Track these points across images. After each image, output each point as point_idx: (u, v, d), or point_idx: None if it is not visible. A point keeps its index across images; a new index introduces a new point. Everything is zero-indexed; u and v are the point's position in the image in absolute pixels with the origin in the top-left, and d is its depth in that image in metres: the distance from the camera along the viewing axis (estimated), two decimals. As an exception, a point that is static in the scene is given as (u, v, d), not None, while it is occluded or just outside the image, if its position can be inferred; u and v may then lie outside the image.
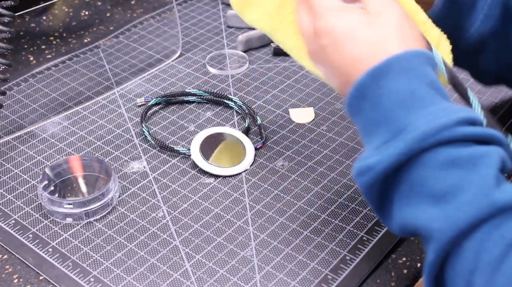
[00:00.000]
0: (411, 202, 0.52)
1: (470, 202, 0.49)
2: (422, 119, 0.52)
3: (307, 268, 0.67)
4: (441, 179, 0.51)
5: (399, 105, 0.53)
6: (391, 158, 0.52)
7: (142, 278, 0.66)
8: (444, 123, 0.51)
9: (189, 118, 0.88)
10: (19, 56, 1.00)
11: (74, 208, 0.72)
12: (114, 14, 1.11)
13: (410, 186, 0.52)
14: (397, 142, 0.52)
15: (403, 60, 0.55)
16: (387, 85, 0.54)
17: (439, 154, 0.51)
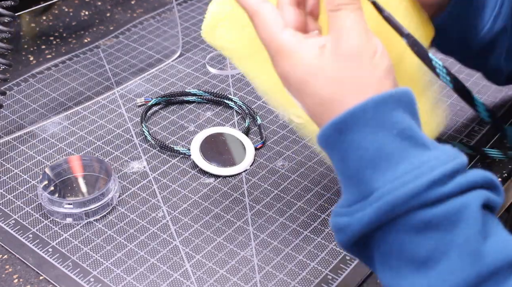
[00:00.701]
0: (392, 265, 0.49)
1: (455, 271, 0.46)
2: (390, 184, 0.48)
3: (307, 268, 0.67)
4: (419, 244, 0.47)
5: (366, 164, 0.49)
6: (361, 223, 0.49)
7: (142, 278, 0.66)
8: (413, 191, 0.47)
9: (189, 118, 0.88)
10: (19, 56, 1.00)
11: (74, 208, 0.72)
12: (114, 14, 1.11)
13: (389, 249, 0.49)
14: (365, 208, 0.49)
15: (368, 110, 0.50)
16: (352, 140, 0.50)
17: (412, 218, 0.48)
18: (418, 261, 0.48)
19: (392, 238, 0.49)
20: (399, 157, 0.49)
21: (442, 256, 0.46)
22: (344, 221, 0.50)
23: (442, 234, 0.47)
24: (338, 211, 0.52)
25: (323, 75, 0.52)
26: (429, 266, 0.47)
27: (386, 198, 0.48)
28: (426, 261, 0.47)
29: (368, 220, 0.49)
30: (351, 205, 0.50)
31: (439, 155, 0.49)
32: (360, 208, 0.49)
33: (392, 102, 0.50)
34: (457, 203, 0.47)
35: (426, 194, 0.47)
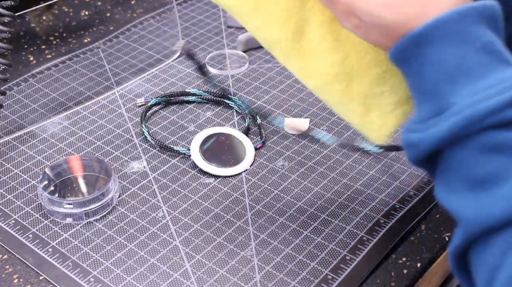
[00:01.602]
0: (450, 180, 0.48)
1: (506, 197, 0.44)
2: (468, 99, 0.46)
3: (307, 268, 0.67)
4: (481, 164, 0.46)
5: (444, 78, 0.48)
6: (433, 138, 0.48)
7: (142, 278, 0.66)
8: (492, 107, 0.45)
9: (189, 118, 0.88)
10: (19, 56, 1.00)
11: (74, 208, 0.72)
12: (114, 14, 1.11)
13: (452, 165, 0.48)
14: (440, 123, 0.47)
15: (449, 22, 0.47)
16: (431, 54, 0.48)
17: (483, 137, 0.46)
18: (475, 180, 0.46)
19: (459, 154, 0.47)
20: (480, 72, 0.47)
21: (499, 181, 0.45)
22: (417, 137, 0.49)
23: (507, 160, 0.45)
24: (411, 127, 0.50)
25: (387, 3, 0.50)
26: (483, 187, 0.46)
27: (464, 113, 0.46)
28: (483, 182, 0.46)
29: (441, 136, 0.47)
30: (425, 120, 0.49)
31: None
32: (434, 123, 0.48)
33: (475, 15, 0.48)
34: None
35: (504, 112, 0.45)
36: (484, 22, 0.48)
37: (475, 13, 0.48)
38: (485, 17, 0.48)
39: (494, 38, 0.48)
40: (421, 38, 0.49)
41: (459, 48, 0.48)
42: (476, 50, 0.47)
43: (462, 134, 0.46)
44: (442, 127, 0.47)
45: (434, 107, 0.48)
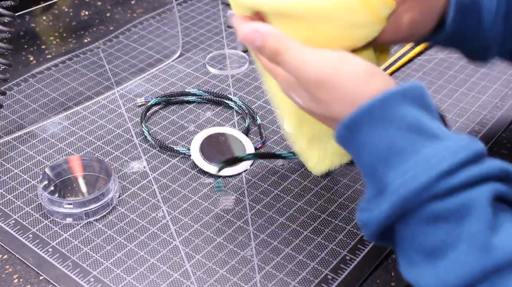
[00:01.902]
0: (407, 254, 0.51)
1: (461, 263, 0.47)
2: (401, 179, 0.49)
3: (307, 268, 0.67)
4: (430, 235, 0.48)
5: (378, 161, 0.51)
6: (378, 218, 0.50)
7: (142, 278, 0.66)
8: (423, 184, 0.48)
9: (189, 118, 0.88)
10: (19, 56, 1.00)
11: (74, 208, 0.72)
12: (114, 14, 1.11)
13: (405, 239, 0.51)
14: (381, 203, 0.50)
15: (373, 109, 0.51)
16: (363, 139, 0.52)
17: (423, 211, 0.49)
18: (428, 251, 0.49)
19: (407, 229, 0.50)
20: (409, 151, 0.50)
21: (450, 248, 0.47)
22: (366, 216, 0.52)
23: (451, 227, 0.48)
24: (361, 206, 0.53)
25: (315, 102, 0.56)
26: (437, 257, 0.48)
27: (399, 192, 0.49)
28: (435, 251, 0.48)
29: (385, 215, 0.50)
30: (370, 200, 0.52)
31: (449, 145, 0.49)
32: (377, 203, 0.51)
33: (397, 98, 0.51)
34: (467, 196, 0.48)
35: (436, 186, 0.48)
36: (408, 102, 0.51)
37: (397, 96, 0.51)
38: (408, 98, 0.51)
39: (420, 116, 0.51)
40: (352, 126, 0.52)
41: (387, 131, 0.51)
42: (403, 131, 0.50)
43: (402, 212, 0.49)
44: (384, 207, 0.50)
45: (375, 188, 0.52)
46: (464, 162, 0.48)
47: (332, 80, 0.53)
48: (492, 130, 0.86)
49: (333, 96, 0.54)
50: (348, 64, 0.54)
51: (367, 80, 0.53)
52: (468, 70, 0.97)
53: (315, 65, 0.54)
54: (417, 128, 0.50)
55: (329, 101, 0.54)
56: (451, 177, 0.48)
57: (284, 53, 0.55)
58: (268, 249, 0.69)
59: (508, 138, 0.85)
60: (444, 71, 0.97)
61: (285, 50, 0.55)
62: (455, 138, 0.50)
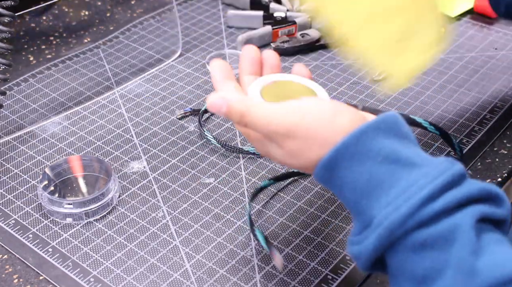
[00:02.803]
0: (398, 283, 0.52)
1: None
2: (384, 211, 0.50)
3: (307, 268, 0.67)
4: (417, 263, 0.49)
5: (360, 196, 0.52)
6: (368, 251, 0.51)
7: (142, 278, 0.66)
8: (406, 213, 0.49)
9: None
10: (19, 56, 1.00)
11: (74, 208, 0.72)
12: (114, 14, 1.11)
13: (395, 269, 0.51)
14: (369, 236, 0.51)
15: (349, 145, 0.52)
16: (342, 176, 0.53)
17: (409, 240, 0.50)
18: (418, 279, 0.49)
19: (396, 259, 0.51)
20: (389, 182, 0.51)
21: (438, 275, 0.48)
22: (356, 250, 0.53)
23: (437, 254, 0.48)
24: (351, 240, 0.54)
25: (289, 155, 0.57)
26: (427, 284, 0.49)
27: (383, 224, 0.50)
28: (424, 279, 0.49)
29: (373, 247, 0.51)
30: (358, 233, 0.53)
31: (428, 171, 0.50)
32: (365, 236, 0.52)
33: (371, 132, 0.52)
34: (450, 222, 0.49)
35: (418, 214, 0.49)
36: (381, 134, 0.52)
37: (371, 130, 0.52)
38: (382, 129, 0.52)
39: (396, 146, 0.52)
40: (330, 166, 0.53)
41: (364, 165, 0.52)
42: (379, 163, 0.51)
43: (390, 242, 0.50)
44: (371, 239, 0.51)
45: (361, 222, 0.52)
46: (444, 186, 0.49)
47: (299, 127, 0.55)
48: (492, 130, 0.86)
49: (304, 144, 0.55)
50: (312, 108, 0.55)
51: (334, 119, 0.54)
52: (468, 70, 0.97)
53: (280, 117, 0.56)
54: (394, 159, 0.51)
55: (302, 149, 0.55)
56: (433, 203, 0.49)
57: (248, 114, 0.57)
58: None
59: (508, 138, 0.85)
60: (444, 71, 0.97)
61: (249, 110, 0.57)
62: (433, 164, 0.51)
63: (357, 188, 0.52)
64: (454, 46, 1.02)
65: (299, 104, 0.56)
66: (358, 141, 0.52)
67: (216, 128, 0.86)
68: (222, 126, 0.86)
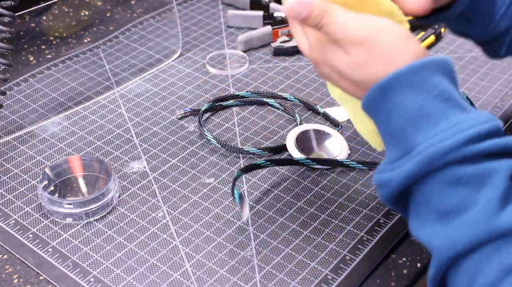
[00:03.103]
0: (420, 214, 0.53)
1: (471, 224, 0.49)
2: (430, 140, 0.52)
3: (307, 268, 0.67)
4: (446, 197, 0.51)
5: (408, 123, 0.53)
6: (402, 177, 0.53)
7: (142, 278, 0.66)
8: (451, 145, 0.51)
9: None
10: (19, 56, 1.00)
11: (74, 208, 0.72)
12: (114, 14, 1.11)
13: (421, 199, 0.53)
14: (406, 162, 0.53)
15: (410, 73, 0.54)
16: (395, 101, 0.54)
17: (446, 173, 0.51)
18: (442, 211, 0.51)
19: (426, 189, 0.52)
20: (438, 116, 0.53)
21: (464, 211, 0.50)
22: (387, 176, 0.54)
23: (469, 192, 0.50)
24: (382, 168, 0.55)
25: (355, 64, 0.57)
26: (450, 218, 0.51)
27: (426, 151, 0.51)
28: (450, 212, 0.51)
29: (409, 173, 0.52)
30: (393, 161, 0.54)
31: (475, 116, 0.53)
32: (402, 163, 0.53)
33: (432, 67, 0.54)
34: (488, 166, 0.50)
35: (462, 149, 0.51)
36: (441, 73, 0.54)
37: (432, 65, 0.54)
38: (441, 69, 0.55)
39: (450, 87, 0.54)
40: (386, 89, 0.54)
41: (419, 96, 0.53)
42: (434, 97, 0.53)
43: (426, 171, 0.52)
44: (409, 165, 0.52)
45: (401, 149, 0.54)
46: (489, 132, 0.51)
47: (374, 38, 0.56)
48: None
49: (374, 55, 0.56)
50: (389, 26, 0.57)
51: (406, 43, 0.56)
52: (468, 70, 0.97)
53: (359, 24, 0.57)
54: (447, 97, 0.53)
55: (368, 61, 0.56)
56: (477, 143, 0.51)
57: (329, 15, 0.57)
58: (268, 249, 0.69)
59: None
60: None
61: (330, 12, 0.57)
62: (480, 112, 0.53)
63: (407, 115, 0.53)
64: (454, 46, 1.03)
65: (378, 19, 0.57)
66: (420, 71, 0.54)
67: (216, 128, 0.86)
68: (222, 126, 0.87)
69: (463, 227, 0.49)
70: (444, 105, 0.53)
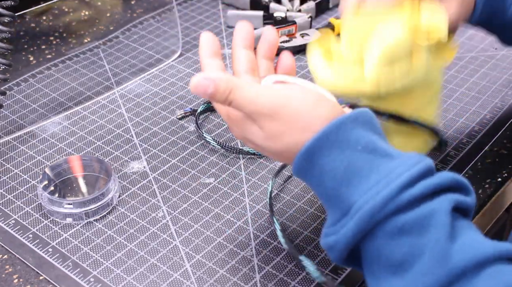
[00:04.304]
0: (374, 271, 0.53)
1: (427, 272, 0.49)
2: (364, 196, 0.51)
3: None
4: (395, 249, 0.51)
5: (339, 183, 0.53)
6: (346, 237, 0.52)
7: (142, 278, 0.66)
8: (386, 197, 0.51)
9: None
10: (19, 56, 1.00)
11: (74, 208, 0.72)
12: (114, 14, 1.11)
13: (371, 257, 0.53)
14: (347, 222, 0.52)
15: (330, 134, 0.54)
16: (322, 164, 0.54)
17: (388, 225, 0.51)
18: (394, 265, 0.51)
19: (373, 246, 0.52)
20: (368, 170, 0.53)
21: (416, 259, 0.49)
22: (332, 240, 0.54)
23: (414, 239, 0.50)
24: (325, 232, 0.55)
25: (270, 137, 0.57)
26: (404, 269, 0.50)
27: (363, 208, 0.51)
28: (402, 264, 0.50)
29: (352, 233, 0.52)
30: (335, 223, 0.54)
31: (404, 161, 0.53)
32: (343, 224, 0.53)
33: (349, 123, 0.54)
34: (427, 208, 0.50)
35: (397, 198, 0.50)
36: (360, 126, 0.54)
37: (349, 121, 0.54)
38: (360, 122, 0.54)
39: (372, 137, 0.54)
40: (309, 154, 0.54)
41: (344, 154, 0.53)
42: (359, 152, 0.53)
43: (368, 228, 0.51)
44: (350, 225, 0.52)
45: (340, 210, 0.53)
46: (420, 174, 0.51)
47: (284, 108, 0.56)
48: (492, 130, 0.86)
49: (286, 126, 0.55)
50: (298, 93, 0.57)
51: (317, 106, 0.56)
52: (468, 70, 0.97)
53: (267, 96, 0.56)
54: (372, 149, 0.53)
55: (282, 132, 0.56)
56: (411, 188, 0.51)
57: (235, 91, 0.56)
58: (268, 249, 0.69)
59: (508, 138, 0.85)
60: (444, 71, 0.97)
61: (237, 86, 0.57)
62: (407, 156, 0.53)
63: (337, 175, 0.53)
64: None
65: (286, 88, 0.57)
66: (339, 130, 0.54)
67: (216, 128, 0.86)
68: (221, 126, 0.87)
69: (419, 276, 0.49)
70: (370, 157, 0.53)
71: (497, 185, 0.78)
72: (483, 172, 0.80)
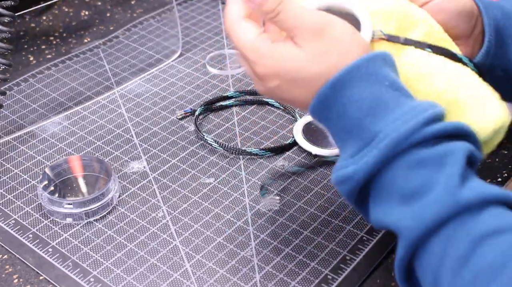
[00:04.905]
0: (382, 201, 0.54)
1: (436, 201, 0.50)
2: (391, 125, 0.53)
3: (307, 268, 0.67)
4: (409, 179, 0.52)
5: (366, 113, 0.54)
6: (368, 166, 0.53)
7: (142, 278, 0.66)
8: (413, 127, 0.52)
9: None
10: (19, 56, 1.00)
11: (74, 208, 0.72)
12: (114, 14, 1.11)
13: (382, 187, 0.54)
14: (371, 151, 0.53)
15: (361, 67, 0.55)
16: (350, 94, 0.55)
17: (409, 156, 0.52)
18: (407, 194, 0.52)
19: (389, 176, 0.53)
20: (394, 104, 0.54)
21: (427, 191, 0.51)
22: (350, 170, 0.54)
23: (430, 172, 0.52)
24: (342, 164, 0.55)
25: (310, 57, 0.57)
26: (415, 199, 0.51)
27: (390, 136, 0.52)
28: (413, 194, 0.52)
29: (374, 161, 0.53)
30: (354, 155, 0.54)
31: (425, 102, 0.55)
32: (364, 153, 0.53)
33: (379, 59, 0.56)
34: (447, 147, 0.52)
35: (423, 130, 0.52)
36: (387, 65, 0.57)
37: (379, 58, 0.56)
38: (387, 62, 0.57)
39: (397, 78, 0.57)
40: (341, 83, 0.55)
41: (372, 87, 0.55)
42: (386, 87, 0.55)
43: (392, 156, 0.53)
44: (374, 153, 0.53)
45: (361, 140, 0.54)
46: (441, 115, 0.54)
47: (331, 28, 0.57)
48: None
49: (329, 46, 0.56)
50: (339, 20, 0.58)
51: (356, 36, 0.58)
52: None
53: (315, 15, 0.57)
54: (398, 87, 0.55)
55: (325, 51, 0.56)
56: (435, 124, 0.53)
57: (286, 2, 0.57)
58: (268, 249, 0.70)
59: (508, 138, 0.85)
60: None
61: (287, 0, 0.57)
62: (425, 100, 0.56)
63: (364, 106, 0.54)
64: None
65: (329, 14, 0.58)
66: (370, 64, 0.55)
67: (216, 129, 0.86)
68: (221, 126, 0.87)
69: (428, 205, 0.50)
70: (397, 94, 0.55)
71: (497, 185, 0.77)
72: (483, 172, 0.80)
